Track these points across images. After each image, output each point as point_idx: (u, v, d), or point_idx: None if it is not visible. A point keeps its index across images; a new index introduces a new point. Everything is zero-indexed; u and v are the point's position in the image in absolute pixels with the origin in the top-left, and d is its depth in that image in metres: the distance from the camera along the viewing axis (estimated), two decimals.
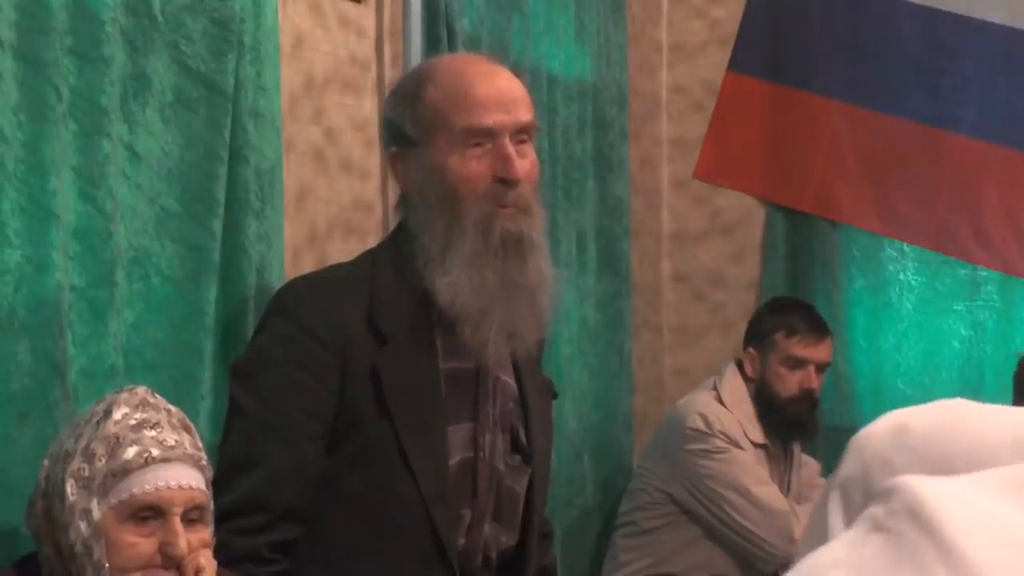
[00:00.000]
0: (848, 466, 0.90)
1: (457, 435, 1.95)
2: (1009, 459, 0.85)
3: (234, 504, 1.84)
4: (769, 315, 3.27)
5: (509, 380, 2.04)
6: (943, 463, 0.86)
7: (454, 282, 1.89)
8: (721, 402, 3.16)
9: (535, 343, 2.03)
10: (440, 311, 1.92)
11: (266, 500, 1.87)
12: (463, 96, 1.91)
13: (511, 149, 1.91)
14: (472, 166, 1.90)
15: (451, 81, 1.94)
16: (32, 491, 1.62)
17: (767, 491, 3.07)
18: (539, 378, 2.15)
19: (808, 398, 3.17)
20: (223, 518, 1.79)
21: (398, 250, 1.98)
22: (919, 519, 0.73)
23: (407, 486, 1.90)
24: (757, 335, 3.23)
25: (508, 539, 2.04)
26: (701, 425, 3.09)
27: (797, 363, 3.17)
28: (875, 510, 0.76)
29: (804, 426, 3.20)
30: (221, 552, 1.74)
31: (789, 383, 3.16)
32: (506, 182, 1.90)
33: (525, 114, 1.95)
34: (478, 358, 1.95)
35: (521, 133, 1.94)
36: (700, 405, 3.15)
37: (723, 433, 3.08)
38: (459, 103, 1.91)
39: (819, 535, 0.90)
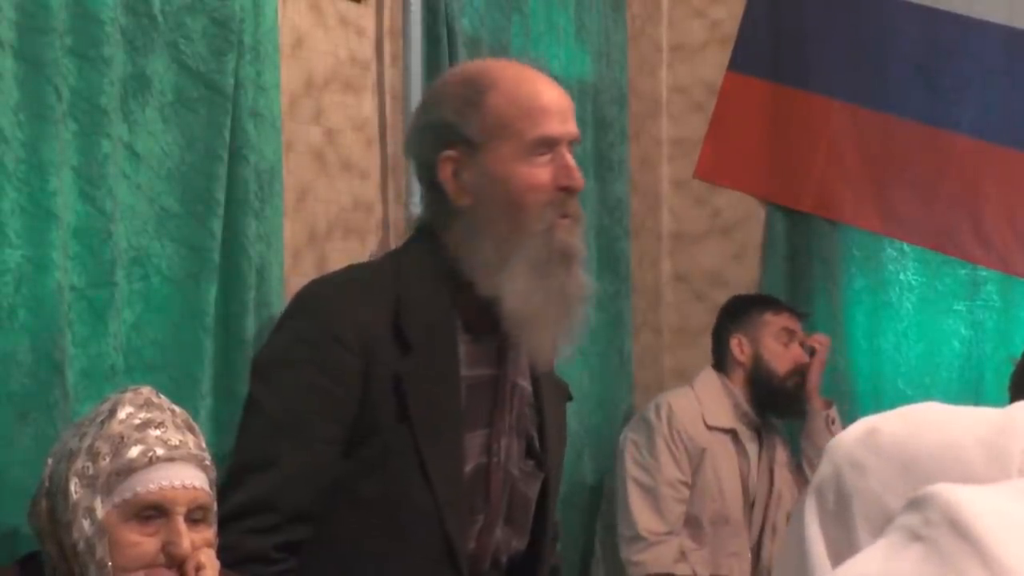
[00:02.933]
0: (822, 470, 0.91)
1: (473, 441, 1.95)
2: (977, 458, 0.86)
3: (244, 504, 1.85)
4: (746, 305, 3.35)
5: (526, 385, 2.04)
6: (912, 464, 0.87)
7: (522, 288, 1.90)
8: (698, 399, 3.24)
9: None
10: (467, 318, 1.94)
11: (277, 501, 1.87)
12: (530, 105, 1.92)
13: (571, 159, 1.94)
14: (539, 175, 1.91)
15: (516, 87, 1.94)
16: (35, 490, 1.62)
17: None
18: (554, 382, 2.15)
19: (800, 371, 3.28)
20: (233, 517, 1.81)
21: (426, 255, 1.96)
22: (958, 528, 0.73)
23: (422, 493, 1.90)
24: (742, 322, 3.30)
25: (519, 543, 2.04)
26: (652, 417, 3.19)
27: (790, 337, 3.28)
28: (909, 519, 0.76)
29: (800, 400, 3.28)
30: (229, 552, 1.75)
31: (785, 358, 3.26)
32: (569, 190, 1.92)
33: (575, 126, 1.98)
34: (508, 364, 1.98)
35: (572, 143, 1.97)
36: (668, 396, 3.27)
37: (676, 431, 3.15)
38: (528, 111, 1.92)
39: (796, 539, 0.90)
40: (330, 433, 1.89)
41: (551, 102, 1.94)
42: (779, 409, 3.30)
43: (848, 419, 3.46)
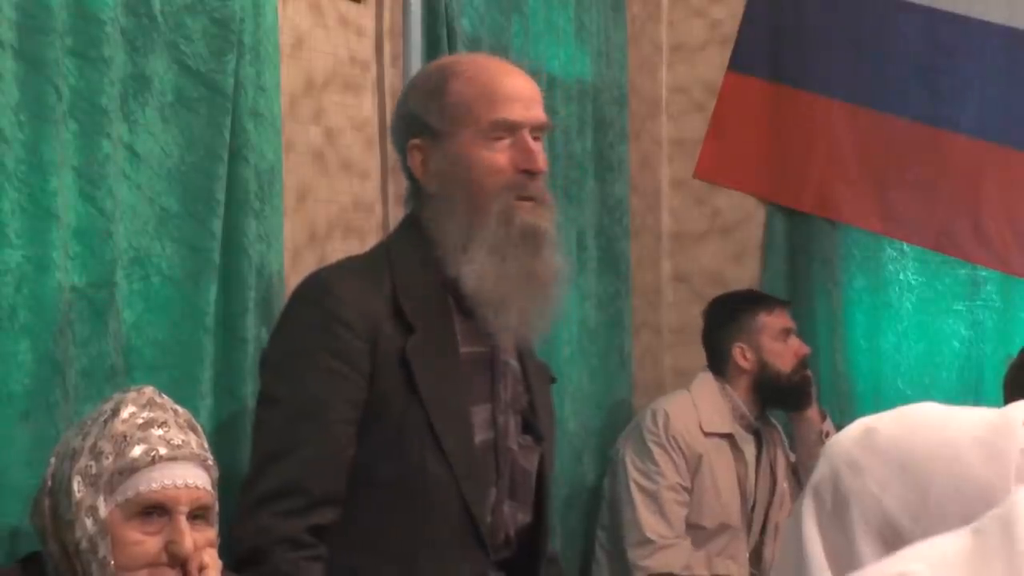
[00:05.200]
0: (819, 470, 0.92)
1: (479, 416, 2.01)
2: (975, 458, 0.86)
3: (273, 490, 1.89)
4: (736, 308, 3.31)
5: (515, 363, 2.10)
6: (910, 464, 0.88)
7: (479, 270, 1.96)
8: (694, 404, 3.22)
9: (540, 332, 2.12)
10: (457, 298, 1.99)
11: (305, 484, 1.91)
12: (489, 90, 1.99)
13: (532, 142, 1.99)
14: (496, 158, 1.98)
15: (476, 76, 2.01)
16: (37, 489, 1.62)
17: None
18: (537, 363, 2.20)
19: (804, 362, 3.27)
20: (262, 502, 1.87)
21: (413, 241, 2.03)
22: (1007, 525, 0.74)
23: (440, 467, 1.95)
24: (739, 328, 3.26)
25: (524, 516, 2.09)
26: (649, 423, 3.18)
27: (787, 333, 3.26)
28: (984, 516, 0.77)
29: (807, 389, 3.27)
30: (261, 535, 1.81)
31: (787, 355, 3.24)
32: (529, 173, 1.99)
33: (542, 113, 2.04)
34: (497, 342, 2.03)
35: (537, 131, 2.02)
36: (664, 402, 3.25)
37: (672, 437, 3.13)
38: (485, 97, 1.99)
39: (794, 540, 0.90)
40: (348, 415, 1.94)
41: (511, 89, 2.01)
42: (787, 404, 3.30)
43: (848, 419, 3.45)
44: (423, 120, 2.01)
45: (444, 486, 1.96)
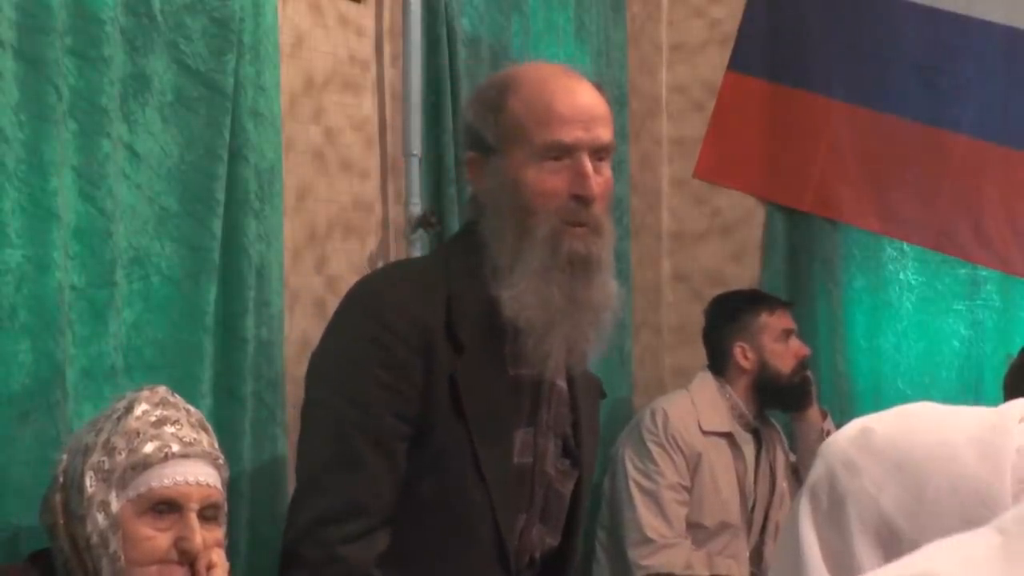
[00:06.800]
0: (816, 470, 0.92)
1: (520, 439, 1.97)
2: (970, 457, 0.86)
3: (331, 508, 1.86)
4: (738, 307, 3.31)
5: (563, 385, 2.05)
6: (906, 463, 0.88)
7: (519, 296, 1.89)
8: (692, 403, 3.23)
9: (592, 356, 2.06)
10: (506, 319, 1.92)
11: (368, 504, 1.88)
12: (544, 109, 1.91)
13: (588, 166, 1.91)
14: (548, 180, 1.90)
15: (534, 92, 1.93)
16: (48, 486, 1.63)
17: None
18: (587, 379, 2.15)
19: (804, 363, 3.27)
20: (319, 522, 1.84)
21: (470, 254, 1.97)
22: None
23: (478, 491, 1.92)
24: (741, 327, 3.26)
25: (552, 540, 2.07)
26: (648, 422, 3.19)
27: (787, 334, 3.26)
28: (1006, 515, 0.76)
29: (807, 390, 3.27)
30: (335, 568, 1.79)
31: (787, 356, 3.24)
32: (580, 199, 1.90)
33: (605, 134, 1.95)
34: (540, 369, 1.96)
35: (600, 151, 1.94)
36: (663, 401, 3.26)
37: (671, 437, 3.14)
38: (540, 116, 1.91)
39: (790, 541, 0.90)
40: (402, 430, 1.89)
41: (569, 108, 1.92)
42: (787, 404, 3.30)
43: (848, 419, 3.44)
44: (480, 134, 1.96)
45: (478, 509, 1.92)
